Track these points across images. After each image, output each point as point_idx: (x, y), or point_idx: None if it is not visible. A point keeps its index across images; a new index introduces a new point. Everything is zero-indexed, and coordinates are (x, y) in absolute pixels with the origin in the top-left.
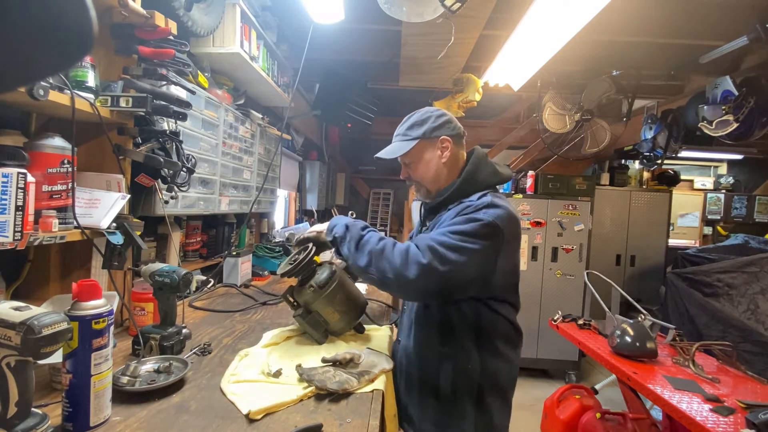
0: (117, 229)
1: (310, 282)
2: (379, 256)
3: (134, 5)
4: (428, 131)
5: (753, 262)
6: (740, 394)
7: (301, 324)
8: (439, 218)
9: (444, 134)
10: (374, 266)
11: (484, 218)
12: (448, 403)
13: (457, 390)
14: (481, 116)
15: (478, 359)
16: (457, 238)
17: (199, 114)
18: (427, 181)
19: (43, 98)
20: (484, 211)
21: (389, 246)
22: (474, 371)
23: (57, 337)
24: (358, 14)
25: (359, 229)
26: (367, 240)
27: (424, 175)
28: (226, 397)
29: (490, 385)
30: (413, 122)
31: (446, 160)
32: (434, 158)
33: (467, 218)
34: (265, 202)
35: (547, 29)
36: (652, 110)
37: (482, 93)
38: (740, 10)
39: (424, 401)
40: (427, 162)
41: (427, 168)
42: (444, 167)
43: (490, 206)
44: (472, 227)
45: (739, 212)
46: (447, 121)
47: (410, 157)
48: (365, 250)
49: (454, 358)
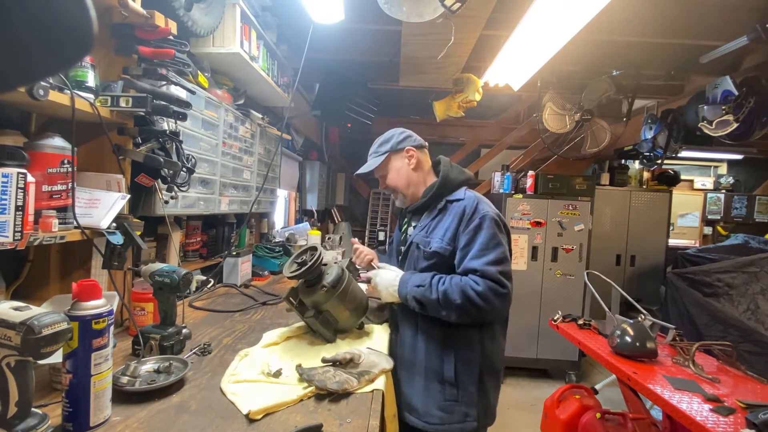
0: (117, 229)
1: (321, 282)
2: (467, 307)
3: (134, 5)
4: (394, 145)
5: (753, 262)
6: (740, 394)
7: (314, 324)
8: (434, 222)
9: (408, 145)
10: (468, 315)
11: (486, 213)
12: (453, 389)
13: (462, 377)
14: (481, 116)
15: (480, 347)
16: (494, 245)
17: (199, 114)
18: (401, 187)
19: (43, 98)
20: (481, 208)
21: (471, 294)
22: (476, 358)
23: (57, 337)
24: (358, 14)
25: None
26: (445, 299)
27: (398, 182)
28: (226, 397)
29: (488, 370)
30: (381, 141)
31: (414, 166)
32: (403, 166)
33: (479, 222)
34: (265, 202)
35: (547, 29)
36: (652, 110)
37: (482, 93)
38: (740, 10)
39: (430, 390)
40: (398, 170)
41: (399, 175)
42: (413, 173)
43: (480, 201)
44: (490, 227)
45: (739, 212)
46: (408, 136)
47: (383, 170)
48: (452, 307)
49: (459, 348)
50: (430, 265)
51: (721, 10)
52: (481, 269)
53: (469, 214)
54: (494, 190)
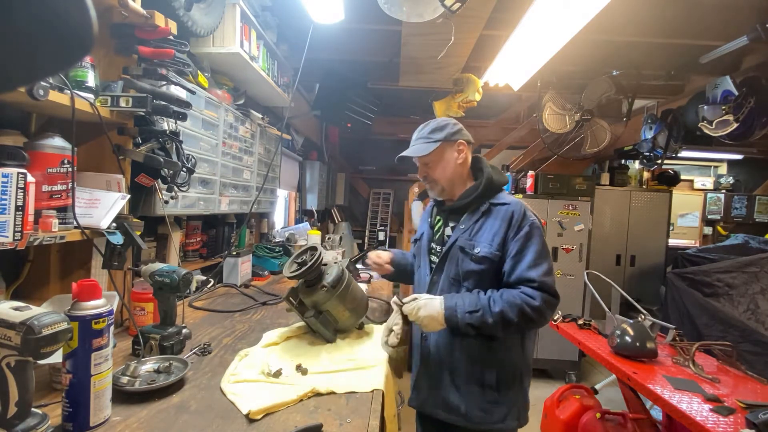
0: (117, 229)
1: (321, 282)
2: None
3: (134, 5)
4: (449, 135)
5: (753, 262)
6: (740, 394)
7: (314, 324)
8: (477, 224)
9: (461, 138)
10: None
11: (534, 221)
12: (494, 392)
13: (503, 380)
14: (481, 116)
15: (521, 350)
16: (545, 254)
17: (199, 114)
18: (444, 180)
19: (43, 98)
20: (528, 214)
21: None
22: (518, 360)
23: (57, 337)
24: (358, 14)
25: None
26: (502, 323)
27: (442, 175)
28: (226, 397)
29: (526, 370)
30: (434, 127)
31: (462, 162)
32: (452, 160)
33: (528, 231)
34: (265, 202)
35: (547, 29)
36: (652, 110)
37: (482, 93)
38: (740, 10)
39: (471, 392)
40: (446, 162)
41: (446, 168)
42: (459, 168)
43: (525, 208)
44: (539, 236)
45: (739, 212)
46: (461, 128)
47: (431, 157)
48: (509, 325)
49: (500, 353)
50: (480, 270)
51: (721, 10)
52: (539, 280)
53: (518, 221)
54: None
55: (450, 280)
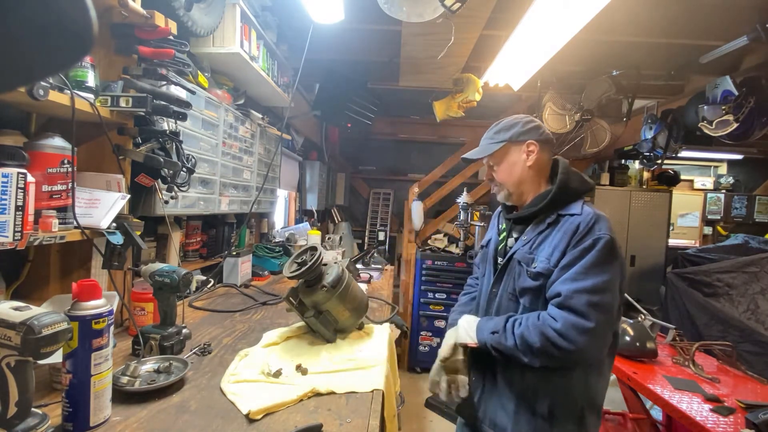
0: (117, 229)
1: (321, 282)
2: (549, 349)
3: (134, 5)
4: (515, 135)
5: (753, 262)
6: (740, 394)
7: (314, 324)
8: (540, 236)
9: (531, 138)
10: (555, 359)
11: (602, 236)
12: (546, 424)
13: (558, 413)
14: (481, 116)
15: (584, 383)
16: (597, 271)
17: (199, 114)
18: (510, 184)
19: (43, 98)
20: (597, 227)
21: (551, 334)
22: (577, 394)
23: (57, 337)
24: (358, 14)
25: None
26: (526, 342)
27: (508, 178)
28: (226, 397)
29: (590, 406)
30: (501, 127)
31: (532, 164)
32: (519, 161)
33: (589, 244)
34: (265, 202)
35: (547, 29)
36: (652, 110)
37: (482, 93)
38: (740, 10)
39: (520, 417)
40: (512, 164)
41: (512, 171)
42: (529, 171)
43: (598, 219)
44: (601, 252)
45: (739, 212)
46: (535, 127)
47: (495, 159)
48: (534, 352)
49: (558, 382)
50: (535, 287)
51: (721, 10)
52: (565, 295)
53: (582, 233)
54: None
55: (508, 295)
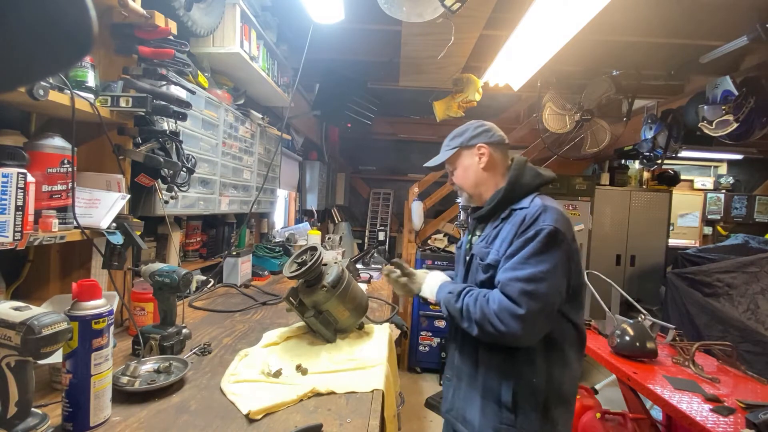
0: (117, 229)
1: (321, 282)
2: (484, 323)
3: (134, 5)
4: (466, 140)
5: (753, 262)
6: (740, 394)
7: (314, 325)
8: (494, 231)
9: (481, 141)
10: (486, 333)
11: (545, 227)
12: (511, 414)
13: (522, 403)
14: (481, 116)
15: (545, 371)
16: (536, 260)
17: (199, 114)
18: (468, 186)
19: (43, 98)
20: (542, 218)
21: (487, 311)
22: (540, 384)
23: (57, 337)
24: (358, 14)
25: (454, 303)
26: (467, 310)
27: (464, 181)
28: (226, 397)
29: (556, 397)
30: (454, 134)
31: (485, 165)
32: (473, 164)
33: (532, 234)
34: (265, 202)
35: (547, 29)
36: (652, 110)
37: (482, 93)
38: (740, 10)
39: (487, 409)
40: (466, 168)
41: (467, 174)
42: (484, 173)
43: (544, 210)
44: (541, 242)
45: (739, 212)
46: (486, 130)
47: (452, 164)
48: (472, 320)
49: (522, 370)
50: (487, 278)
51: (721, 10)
52: (503, 283)
53: (527, 224)
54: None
55: None
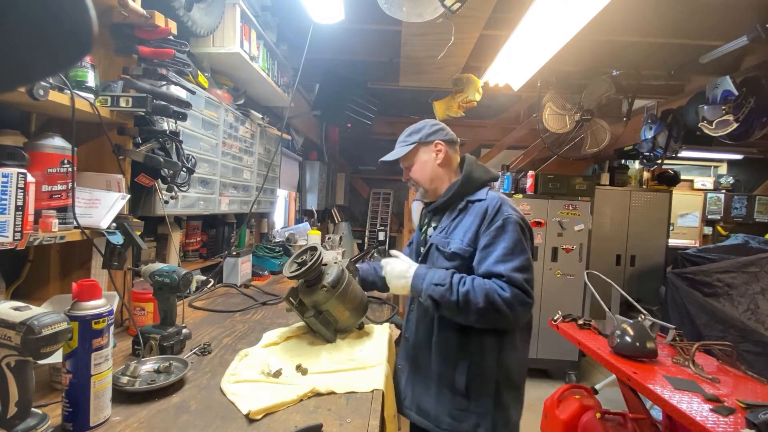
0: (117, 229)
1: (322, 282)
2: (487, 313)
3: (134, 5)
4: (424, 136)
5: (753, 262)
6: (740, 394)
7: (314, 324)
8: (453, 222)
9: (438, 139)
10: (488, 322)
11: (510, 215)
12: (465, 400)
13: (475, 387)
14: (481, 116)
15: (497, 356)
16: (519, 250)
17: (199, 114)
18: (424, 181)
19: (43, 98)
20: (504, 209)
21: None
22: (492, 368)
23: (57, 337)
24: (358, 14)
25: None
26: (465, 301)
27: (422, 176)
28: (226, 397)
29: (506, 381)
30: (411, 130)
31: (441, 161)
32: (430, 160)
33: (501, 225)
34: (265, 202)
35: (547, 29)
36: (652, 110)
37: (482, 93)
38: (740, 10)
39: (441, 396)
40: (423, 163)
41: (424, 169)
42: (439, 169)
43: (503, 202)
44: (514, 234)
45: (739, 212)
46: (440, 129)
47: (409, 160)
48: (470, 310)
49: (473, 356)
50: (451, 267)
51: (721, 10)
52: (507, 275)
53: (492, 215)
54: (494, 191)
55: None
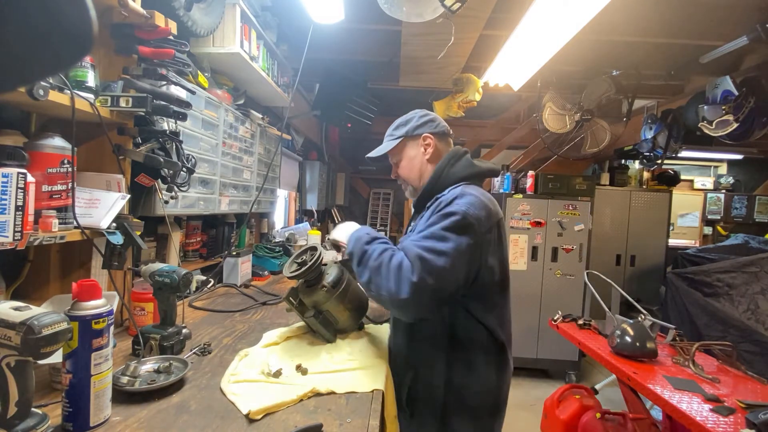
0: (117, 229)
1: (321, 282)
2: (376, 273)
3: (134, 5)
4: (411, 129)
5: (753, 262)
6: (740, 394)
7: (314, 325)
8: (420, 220)
9: (426, 132)
10: (373, 283)
11: (456, 210)
12: (410, 416)
13: (418, 406)
14: (481, 116)
15: (444, 373)
16: (438, 237)
17: (199, 114)
18: (412, 178)
19: (43, 98)
20: (456, 203)
21: (385, 262)
22: (438, 387)
23: (57, 337)
24: (358, 14)
25: (364, 243)
26: (369, 255)
27: (409, 173)
28: (226, 397)
29: (457, 403)
30: (398, 123)
31: (429, 156)
32: (418, 155)
33: (440, 215)
34: (265, 202)
35: (547, 29)
36: (652, 110)
37: (482, 93)
38: (740, 10)
39: (399, 411)
40: (411, 159)
41: (411, 165)
42: (428, 164)
43: (459, 196)
44: (447, 223)
45: (739, 212)
46: (430, 120)
47: (396, 155)
48: (366, 266)
49: (418, 369)
50: None
51: (721, 10)
52: (405, 246)
53: (440, 207)
54: (494, 190)
55: None
